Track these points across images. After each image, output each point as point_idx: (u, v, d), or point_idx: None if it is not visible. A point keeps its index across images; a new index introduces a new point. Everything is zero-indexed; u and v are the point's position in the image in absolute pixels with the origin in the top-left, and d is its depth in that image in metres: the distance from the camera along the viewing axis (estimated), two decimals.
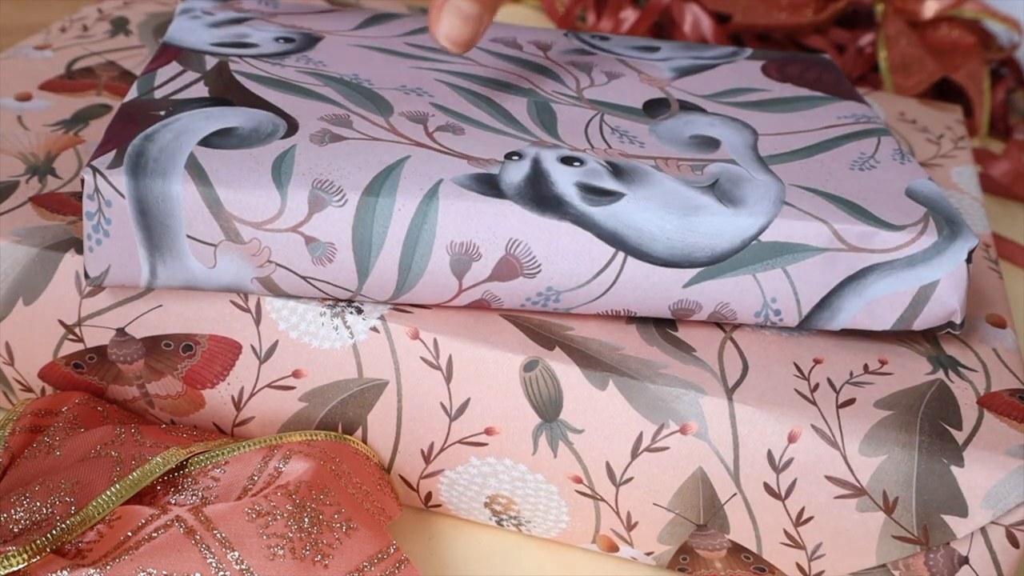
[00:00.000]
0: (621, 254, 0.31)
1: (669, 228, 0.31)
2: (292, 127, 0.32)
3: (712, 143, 0.35)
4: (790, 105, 0.39)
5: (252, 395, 0.33)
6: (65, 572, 0.27)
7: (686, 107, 0.38)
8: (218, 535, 0.28)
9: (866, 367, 0.32)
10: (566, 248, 0.31)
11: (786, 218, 0.31)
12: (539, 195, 0.31)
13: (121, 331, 0.33)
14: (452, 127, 0.34)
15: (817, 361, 0.32)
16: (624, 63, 0.42)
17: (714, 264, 0.31)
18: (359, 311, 0.32)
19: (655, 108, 0.38)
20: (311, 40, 0.39)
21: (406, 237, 0.30)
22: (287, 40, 0.39)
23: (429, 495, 0.34)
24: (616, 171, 0.32)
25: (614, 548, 0.34)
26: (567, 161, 0.32)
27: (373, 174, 0.31)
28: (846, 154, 0.36)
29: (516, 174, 0.31)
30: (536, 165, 0.32)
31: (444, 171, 0.31)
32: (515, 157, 0.32)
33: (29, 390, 0.35)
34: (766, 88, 0.41)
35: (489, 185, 0.31)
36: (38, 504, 0.29)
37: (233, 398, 0.33)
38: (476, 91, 0.37)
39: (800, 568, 0.32)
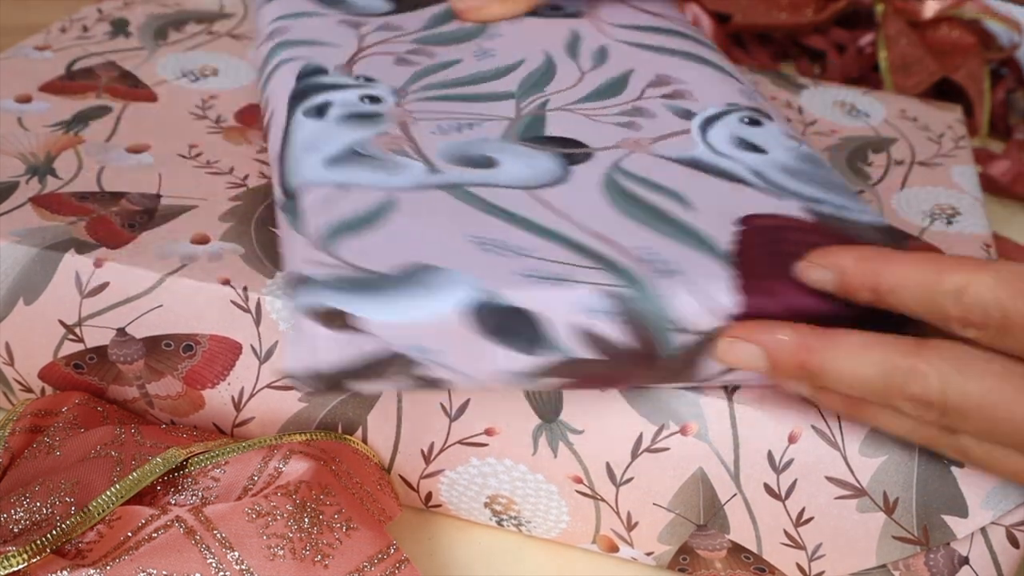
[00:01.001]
0: None
1: None
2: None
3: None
4: None
5: (252, 395, 0.33)
6: (65, 572, 0.27)
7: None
8: (218, 535, 0.28)
9: None
10: None
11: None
12: None
13: (121, 331, 0.33)
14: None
15: None
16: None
17: None
18: None
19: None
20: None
21: None
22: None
23: (429, 495, 0.34)
24: None
25: (614, 548, 0.34)
26: None
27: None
28: None
29: None
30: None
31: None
32: None
33: (29, 390, 0.35)
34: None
35: None
36: (38, 504, 0.29)
37: (233, 398, 0.33)
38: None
39: (800, 568, 0.32)
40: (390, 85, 0.37)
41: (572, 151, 0.34)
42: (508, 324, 0.27)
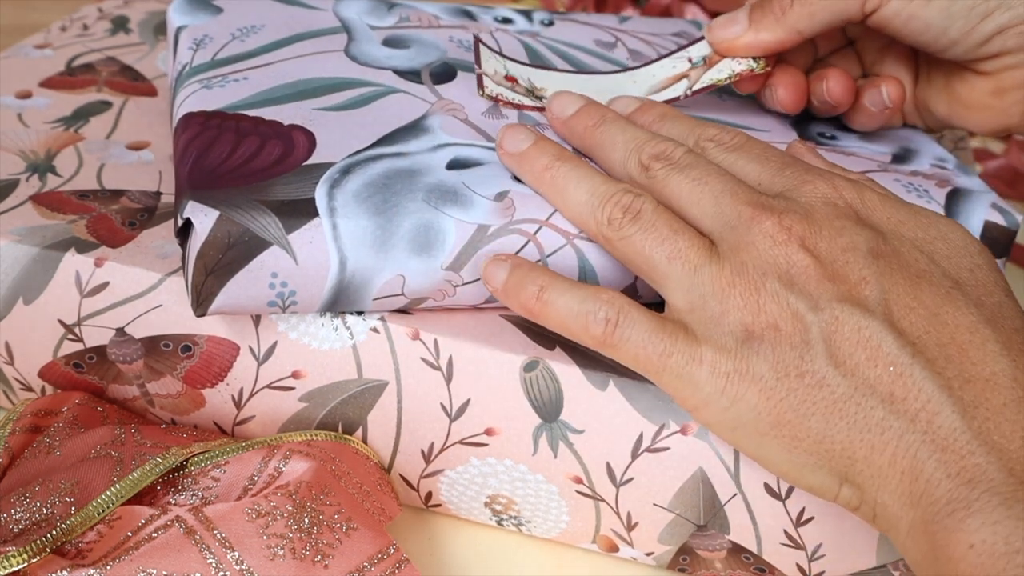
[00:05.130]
0: None
1: None
2: None
3: None
4: None
5: (251, 395, 0.33)
6: (65, 572, 0.27)
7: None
8: (218, 535, 0.28)
9: None
10: None
11: None
12: None
13: (120, 331, 0.32)
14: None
15: None
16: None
17: None
18: (359, 311, 0.32)
19: None
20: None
21: None
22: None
23: (429, 494, 0.34)
24: None
25: (614, 548, 0.34)
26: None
27: None
28: None
29: None
30: None
31: None
32: None
33: (29, 389, 0.35)
34: None
35: None
36: (38, 504, 0.29)
37: (233, 398, 0.33)
38: None
39: (800, 569, 0.32)
40: None
41: None
42: None
